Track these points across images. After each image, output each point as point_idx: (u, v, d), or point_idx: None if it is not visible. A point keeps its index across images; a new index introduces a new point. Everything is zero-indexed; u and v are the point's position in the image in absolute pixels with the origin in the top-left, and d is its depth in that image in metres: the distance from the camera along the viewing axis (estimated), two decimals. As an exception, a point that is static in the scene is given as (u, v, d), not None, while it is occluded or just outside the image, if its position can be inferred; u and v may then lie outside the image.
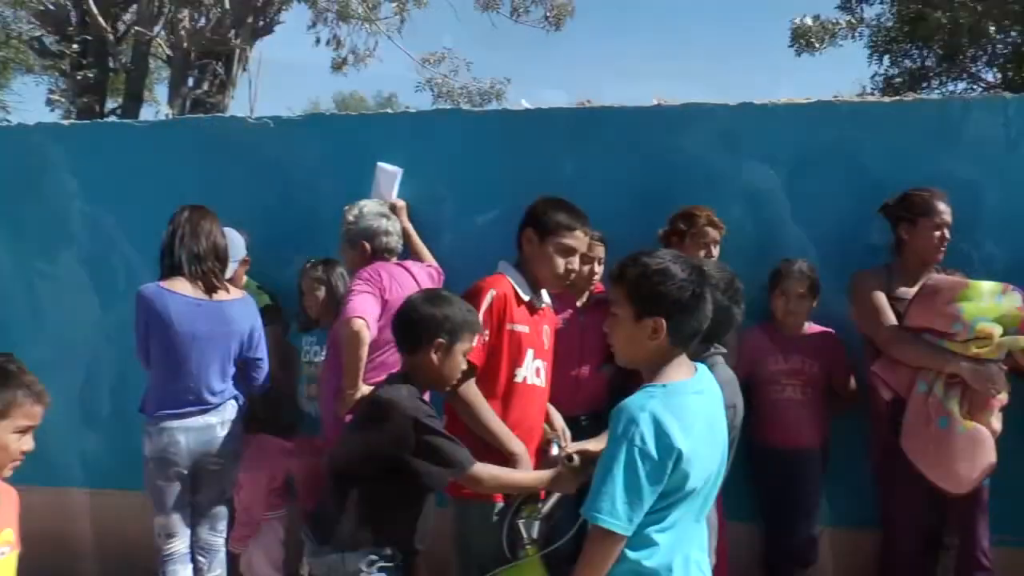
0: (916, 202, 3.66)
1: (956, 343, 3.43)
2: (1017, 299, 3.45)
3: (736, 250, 3.86)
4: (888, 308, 3.63)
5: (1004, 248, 3.90)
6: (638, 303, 2.19)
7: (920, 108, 4.26)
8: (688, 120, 4.18)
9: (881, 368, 3.60)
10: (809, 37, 13.13)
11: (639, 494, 2.08)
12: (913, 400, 3.48)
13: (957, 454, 3.41)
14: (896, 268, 3.73)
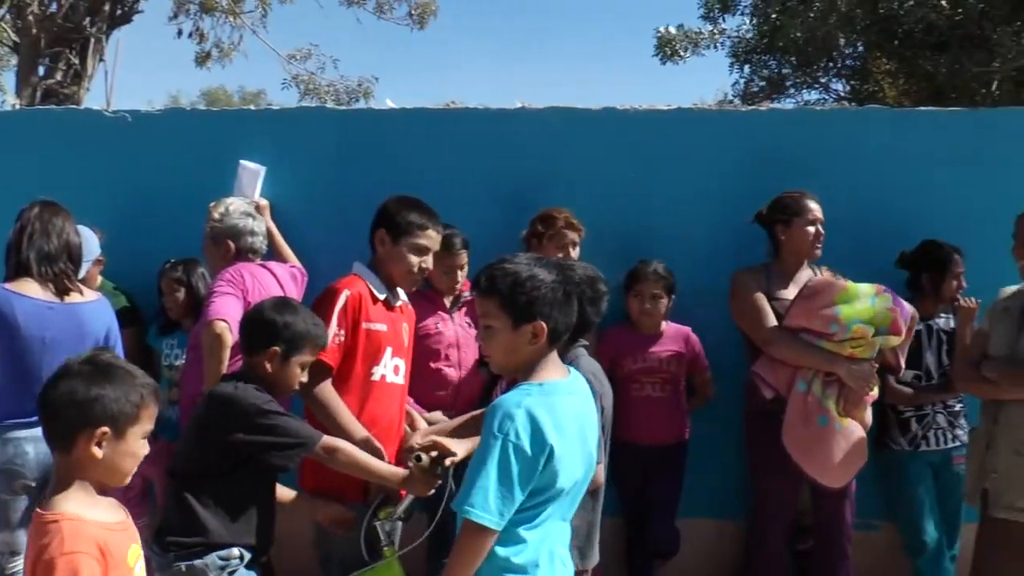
0: (788, 203, 3.83)
1: (833, 343, 3.59)
2: (888, 300, 3.63)
3: (596, 251, 3.96)
4: (768, 308, 3.75)
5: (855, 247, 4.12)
6: (515, 311, 2.20)
7: (774, 116, 4.48)
8: (551, 123, 4.26)
9: (761, 367, 3.72)
10: (674, 45, 13.45)
11: (512, 489, 2.09)
12: (793, 398, 3.62)
13: (835, 450, 3.57)
14: (775, 269, 3.88)
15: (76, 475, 1.95)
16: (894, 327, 3.60)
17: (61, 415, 1.93)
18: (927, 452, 3.97)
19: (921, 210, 4.17)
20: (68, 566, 1.83)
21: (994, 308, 3.46)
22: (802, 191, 3.85)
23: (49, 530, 1.87)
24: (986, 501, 3.31)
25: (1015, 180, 4.14)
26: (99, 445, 1.93)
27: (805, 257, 3.84)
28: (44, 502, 1.95)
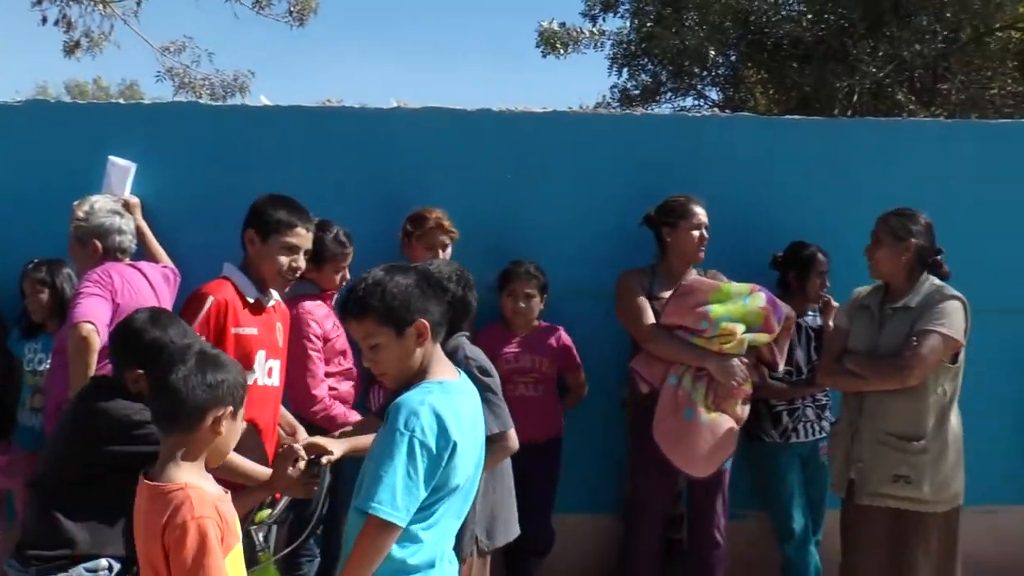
0: (675, 207, 3.93)
1: (704, 339, 3.72)
2: (761, 299, 3.79)
3: (471, 252, 3.99)
4: (647, 306, 3.86)
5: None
6: (394, 320, 2.22)
7: (648, 120, 4.61)
8: (427, 123, 4.26)
9: (638, 363, 3.83)
10: (555, 42, 13.58)
11: (417, 486, 2.09)
12: (664, 391, 3.74)
13: (701, 442, 3.70)
14: (660, 269, 3.98)
15: (190, 452, 2.13)
16: (767, 325, 3.76)
17: (192, 396, 2.09)
18: (797, 444, 4.14)
19: (789, 213, 4.35)
20: (199, 529, 2.00)
21: (852, 306, 3.66)
22: (688, 195, 3.96)
23: (176, 498, 2.04)
24: (852, 490, 3.48)
25: (872, 184, 4.37)
26: (220, 424, 2.13)
27: (690, 260, 3.96)
28: (151, 474, 2.11)
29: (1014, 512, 4.60)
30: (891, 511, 3.41)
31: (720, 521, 3.97)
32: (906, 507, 3.39)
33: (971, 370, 3.73)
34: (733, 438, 3.79)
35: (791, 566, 4.14)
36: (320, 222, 3.55)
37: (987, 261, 4.49)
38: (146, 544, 2.07)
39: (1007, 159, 4.61)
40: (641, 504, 3.98)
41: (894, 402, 3.39)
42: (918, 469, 3.36)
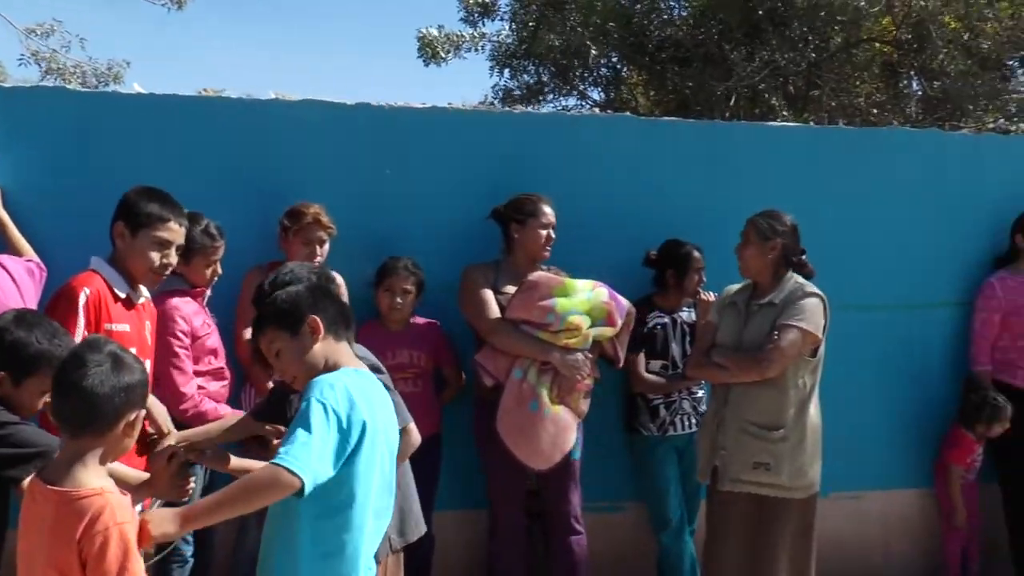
0: (524, 204, 3.98)
1: (549, 333, 3.79)
2: (604, 294, 3.89)
3: (349, 247, 3.97)
4: (492, 300, 3.89)
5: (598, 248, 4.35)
6: (287, 322, 2.31)
7: (527, 119, 4.65)
8: (306, 116, 4.19)
9: (483, 357, 3.86)
10: (435, 47, 13.57)
11: (326, 452, 2.10)
12: (510, 385, 3.79)
13: (543, 434, 3.76)
14: (506, 265, 4.02)
15: (100, 455, 2.05)
16: (610, 320, 3.88)
17: (110, 401, 2.02)
18: (674, 436, 4.26)
19: (665, 212, 4.46)
20: (121, 536, 1.94)
21: (721, 302, 3.81)
22: (539, 195, 4.02)
23: (94, 504, 1.95)
24: (716, 477, 3.61)
25: (745, 185, 4.53)
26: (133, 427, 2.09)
27: (536, 257, 4.01)
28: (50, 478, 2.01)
29: (875, 497, 4.87)
30: (752, 497, 3.55)
31: (575, 510, 4.02)
32: (766, 492, 3.53)
33: (836, 364, 3.91)
34: (573, 431, 3.87)
35: (667, 555, 4.25)
36: (189, 214, 3.44)
37: (851, 261, 4.74)
38: (52, 551, 1.96)
39: (870, 164, 4.86)
40: (497, 499, 4.02)
41: (757, 393, 3.54)
42: (777, 457, 3.50)
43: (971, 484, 4.82)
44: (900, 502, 4.93)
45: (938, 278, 4.95)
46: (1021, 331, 4.71)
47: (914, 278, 4.90)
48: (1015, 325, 4.71)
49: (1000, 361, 4.75)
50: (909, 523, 4.94)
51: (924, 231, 4.92)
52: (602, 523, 4.27)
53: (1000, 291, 4.75)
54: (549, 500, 4.04)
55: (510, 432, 3.77)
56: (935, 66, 11.37)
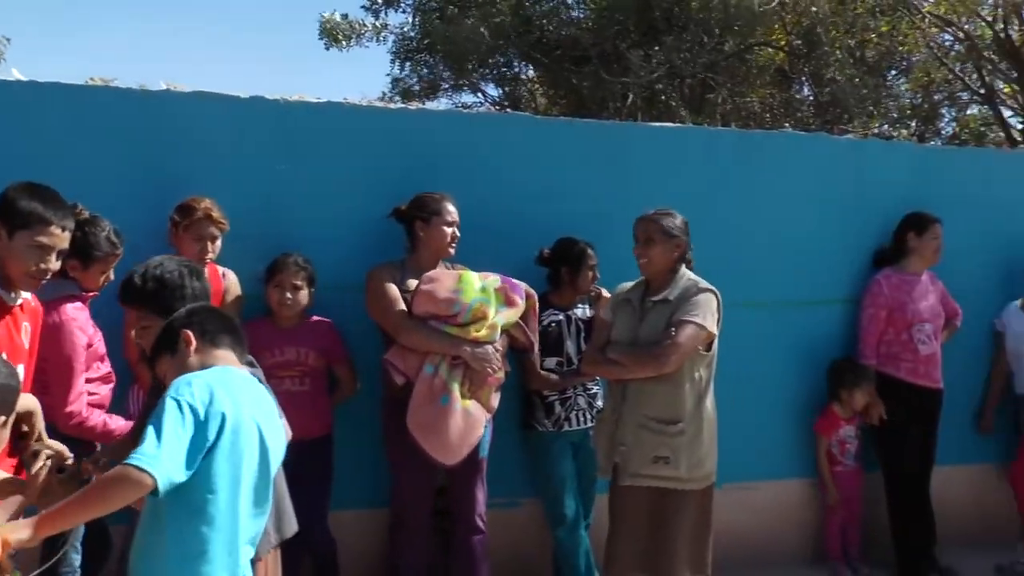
0: (429, 202, 3.96)
1: (457, 327, 3.78)
2: (497, 280, 3.92)
3: (241, 242, 3.89)
4: (399, 299, 3.86)
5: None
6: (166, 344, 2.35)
7: (422, 115, 4.61)
8: (198, 108, 4.07)
9: (393, 355, 3.82)
10: (337, 34, 13.42)
11: (182, 447, 2.06)
12: (421, 381, 3.76)
13: (452, 428, 3.75)
14: (411, 264, 3.99)
15: None
16: (509, 301, 3.91)
17: None
18: (569, 432, 4.30)
19: (561, 211, 4.50)
20: None
21: (616, 299, 3.85)
22: (443, 193, 4.01)
23: None
24: (616, 472, 3.65)
25: (641, 186, 4.60)
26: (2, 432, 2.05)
27: (441, 255, 4.01)
28: None
29: (768, 488, 5.03)
30: (652, 490, 3.60)
31: (480, 508, 4.04)
32: (665, 486, 3.59)
33: (730, 359, 4.02)
34: (482, 426, 3.89)
35: (563, 549, 4.28)
36: (90, 218, 3.31)
37: (745, 259, 4.87)
38: None
39: (763, 166, 5.01)
40: (404, 496, 3.99)
41: (654, 388, 3.59)
42: (676, 450, 3.57)
43: (851, 471, 5.02)
44: (790, 491, 5.11)
45: (826, 276, 5.14)
46: (904, 326, 4.92)
47: (804, 276, 5.08)
48: (898, 321, 4.92)
49: (884, 355, 4.96)
50: (799, 511, 5.12)
51: (813, 231, 5.10)
52: (499, 520, 4.28)
53: (886, 289, 4.95)
54: (456, 498, 4.04)
55: (420, 427, 3.74)
56: (825, 72, 11.79)
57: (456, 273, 3.90)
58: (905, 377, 4.91)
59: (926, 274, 5.05)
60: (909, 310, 4.91)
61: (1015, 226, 5.46)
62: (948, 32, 12.68)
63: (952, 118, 16.89)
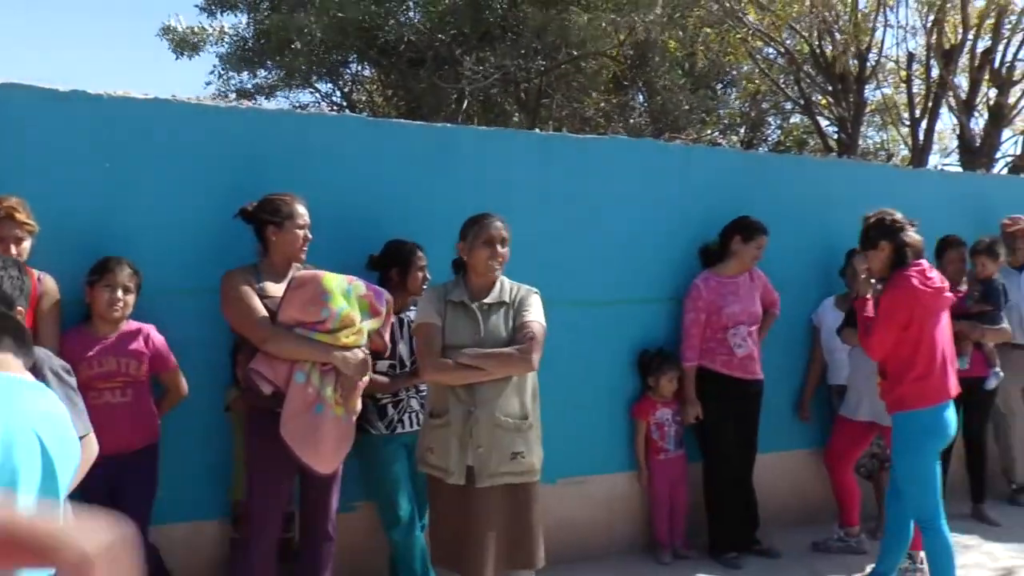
0: (280, 206, 3.85)
1: (326, 334, 3.71)
2: (362, 287, 3.87)
3: (61, 245, 3.72)
4: (260, 306, 3.74)
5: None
6: None
7: (254, 115, 4.52)
8: (10, 101, 3.85)
9: (260, 364, 3.70)
10: (177, 38, 13.09)
11: None
12: (293, 390, 3.67)
13: (328, 437, 3.71)
14: (265, 267, 3.88)
15: None
16: (373, 310, 3.88)
17: None
18: (402, 434, 4.31)
19: (394, 213, 4.52)
20: None
21: (437, 302, 3.78)
22: (293, 195, 3.92)
23: None
24: (472, 475, 3.63)
25: (474, 188, 4.68)
26: None
27: (293, 259, 3.93)
28: None
29: (599, 481, 5.20)
30: (508, 487, 3.66)
31: (333, 516, 4.01)
32: (521, 480, 3.67)
33: (562, 356, 4.13)
34: (353, 433, 3.87)
35: (399, 551, 4.29)
36: None
37: (576, 260, 5.02)
38: None
39: (594, 170, 5.16)
40: (260, 509, 3.85)
41: (505, 387, 3.66)
42: (528, 444, 3.67)
43: (675, 458, 5.24)
44: (622, 483, 5.29)
45: (654, 275, 5.36)
46: (720, 326, 5.20)
47: (632, 275, 5.28)
48: (715, 321, 5.20)
49: (704, 350, 5.23)
50: (630, 502, 5.31)
51: (641, 232, 5.30)
52: (347, 522, 4.24)
53: (704, 292, 5.21)
54: (310, 506, 3.97)
55: (296, 437, 3.65)
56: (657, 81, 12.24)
57: (319, 275, 3.79)
58: (721, 369, 5.19)
59: (744, 275, 5.32)
60: (725, 314, 5.18)
61: (830, 227, 5.84)
62: (771, 46, 13.39)
63: (777, 126, 17.90)
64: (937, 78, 12.20)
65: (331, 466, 3.80)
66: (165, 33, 13.03)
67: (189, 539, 4.11)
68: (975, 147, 12.47)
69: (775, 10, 12.50)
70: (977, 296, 5.88)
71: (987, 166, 12.39)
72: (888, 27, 12.91)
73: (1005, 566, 5.13)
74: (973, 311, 5.84)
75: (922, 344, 4.30)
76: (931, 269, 4.43)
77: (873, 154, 17.51)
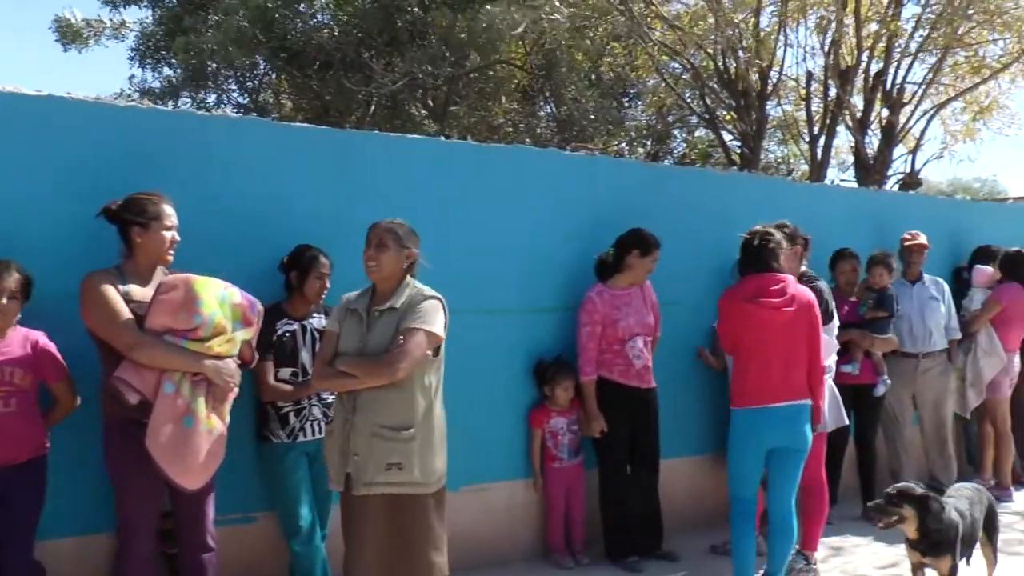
0: (146, 207, 3.70)
1: (198, 342, 3.58)
2: (236, 295, 3.76)
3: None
4: (127, 312, 3.58)
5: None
6: None
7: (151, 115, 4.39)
8: None
9: (126, 373, 3.54)
10: (72, 32, 12.66)
11: None
12: (161, 401, 3.52)
13: (198, 452, 3.57)
14: (129, 270, 3.72)
15: None
16: (245, 320, 3.79)
17: None
18: (304, 442, 4.26)
19: (299, 218, 4.47)
20: None
21: (342, 310, 3.78)
22: (160, 195, 3.76)
23: None
24: (350, 483, 3.62)
25: (380, 195, 4.66)
26: None
27: (160, 262, 3.78)
28: None
29: (501, 488, 5.22)
30: (387, 497, 3.61)
31: (211, 524, 3.87)
32: (399, 491, 3.61)
33: (463, 365, 4.13)
34: (224, 445, 3.74)
35: (299, 561, 4.23)
36: None
37: (480, 268, 5.03)
38: None
39: (499, 179, 5.19)
40: (132, 523, 3.71)
41: (385, 396, 3.60)
42: (408, 456, 3.60)
43: (571, 466, 5.30)
44: (522, 490, 5.32)
45: (557, 285, 5.41)
46: (617, 338, 5.25)
47: (535, 285, 5.32)
48: (611, 333, 5.25)
49: (601, 361, 5.28)
50: (531, 509, 5.34)
51: (545, 241, 5.35)
52: (234, 535, 4.16)
53: (599, 305, 5.26)
54: (185, 517, 3.83)
55: (163, 451, 3.50)
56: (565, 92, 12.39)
57: (192, 280, 3.66)
58: (618, 379, 5.26)
59: (637, 287, 5.39)
60: (620, 327, 5.25)
61: (731, 239, 5.94)
62: (677, 61, 13.67)
63: (683, 139, 18.29)
64: (834, 97, 12.63)
65: (199, 482, 3.64)
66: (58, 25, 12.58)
67: (77, 553, 3.96)
68: (869, 164, 12.94)
69: (681, 27, 12.77)
70: (872, 304, 6.18)
71: (880, 182, 12.88)
72: (788, 47, 13.35)
73: (890, 562, 5.33)
74: (868, 318, 6.16)
75: (748, 354, 4.58)
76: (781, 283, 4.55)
77: (775, 168, 18.04)
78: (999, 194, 31.89)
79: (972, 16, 11.82)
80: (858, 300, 6.26)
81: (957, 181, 34.55)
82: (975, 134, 14.18)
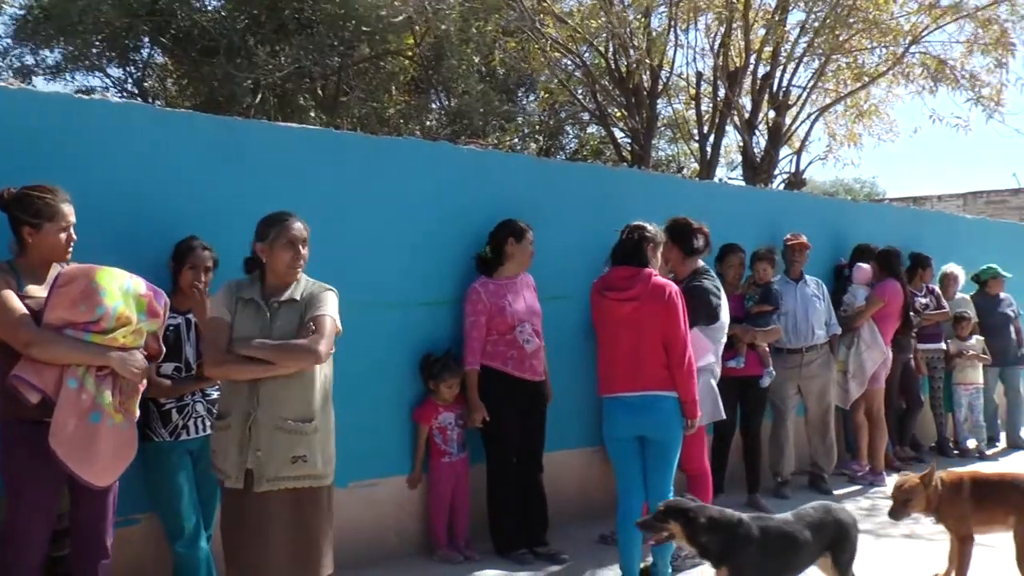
0: (39, 206, 3.48)
1: (101, 334, 3.44)
2: (142, 285, 3.62)
3: None
4: (22, 307, 3.39)
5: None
6: None
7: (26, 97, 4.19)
8: None
9: (24, 371, 3.36)
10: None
11: None
12: (64, 397, 3.37)
13: (105, 447, 3.45)
14: (23, 265, 3.52)
15: None
16: (151, 311, 3.65)
17: None
18: (187, 440, 4.13)
19: (183, 206, 4.33)
20: None
21: (231, 298, 3.65)
22: (56, 190, 3.55)
23: None
24: (250, 479, 3.51)
25: (265, 184, 4.56)
26: None
27: (56, 260, 3.59)
28: None
29: (389, 483, 5.20)
30: (290, 492, 3.54)
31: (110, 529, 3.72)
32: (304, 485, 3.55)
33: (351, 358, 4.06)
34: (135, 441, 3.63)
35: (182, 563, 4.10)
36: None
37: (369, 260, 4.98)
38: None
39: (388, 171, 5.14)
40: (25, 523, 3.51)
41: (288, 389, 3.54)
42: (312, 448, 3.56)
43: (458, 460, 5.31)
44: (412, 486, 5.29)
45: (445, 277, 5.40)
46: (507, 325, 5.27)
47: (424, 277, 5.30)
48: (500, 324, 5.26)
49: (489, 352, 5.27)
50: (420, 505, 5.32)
51: (435, 234, 5.33)
52: (115, 538, 3.97)
53: (484, 296, 5.27)
54: (84, 522, 3.65)
55: (69, 449, 3.35)
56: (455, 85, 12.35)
57: (92, 269, 3.49)
58: (509, 370, 5.28)
59: (519, 276, 5.42)
60: (508, 313, 5.27)
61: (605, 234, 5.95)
62: (568, 58, 13.77)
63: (575, 136, 18.46)
64: (723, 98, 12.92)
65: (108, 479, 3.53)
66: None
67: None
68: (757, 163, 13.30)
69: (573, 24, 12.87)
70: (757, 298, 6.48)
71: (767, 181, 13.26)
72: (679, 47, 13.58)
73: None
74: (754, 312, 6.46)
75: (602, 343, 4.75)
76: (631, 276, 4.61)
77: (665, 166, 18.38)
78: (878, 195, 33.47)
79: (853, 24, 12.26)
80: (743, 295, 6.48)
81: (839, 182, 36.03)
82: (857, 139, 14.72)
